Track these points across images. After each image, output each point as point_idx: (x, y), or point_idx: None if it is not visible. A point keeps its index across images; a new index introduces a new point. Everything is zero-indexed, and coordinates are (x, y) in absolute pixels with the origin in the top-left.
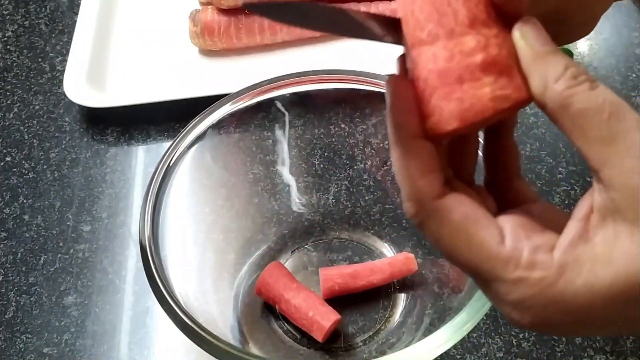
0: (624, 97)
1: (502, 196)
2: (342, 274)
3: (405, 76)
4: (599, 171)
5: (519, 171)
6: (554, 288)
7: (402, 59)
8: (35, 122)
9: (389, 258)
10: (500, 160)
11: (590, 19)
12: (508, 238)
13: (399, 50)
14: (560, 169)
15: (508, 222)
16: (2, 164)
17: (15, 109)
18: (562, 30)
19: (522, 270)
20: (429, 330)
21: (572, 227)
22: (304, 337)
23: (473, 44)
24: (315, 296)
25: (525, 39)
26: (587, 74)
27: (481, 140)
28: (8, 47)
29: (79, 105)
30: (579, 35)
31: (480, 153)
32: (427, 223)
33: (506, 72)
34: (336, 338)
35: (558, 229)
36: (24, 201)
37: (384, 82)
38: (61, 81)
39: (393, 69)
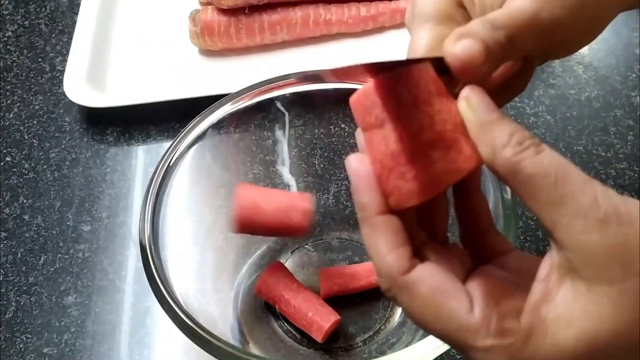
0: (624, 97)
1: (477, 250)
2: (342, 274)
3: (364, 156)
4: (552, 232)
5: (491, 224)
6: (524, 353)
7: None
8: (35, 122)
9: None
10: (471, 216)
11: (588, 33)
12: (477, 307)
13: (398, 50)
14: None
15: (477, 289)
16: (2, 164)
17: (15, 109)
18: (559, 50)
19: (492, 339)
20: None
21: (536, 289)
22: (304, 337)
23: (418, 123)
24: (315, 297)
25: (471, 108)
26: (532, 139)
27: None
28: (8, 47)
29: (79, 105)
30: (580, 46)
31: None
32: (399, 297)
33: (454, 145)
34: (336, 338)
35: (529, 278)
36: (24, 201)
37: None
38: (61, 81)
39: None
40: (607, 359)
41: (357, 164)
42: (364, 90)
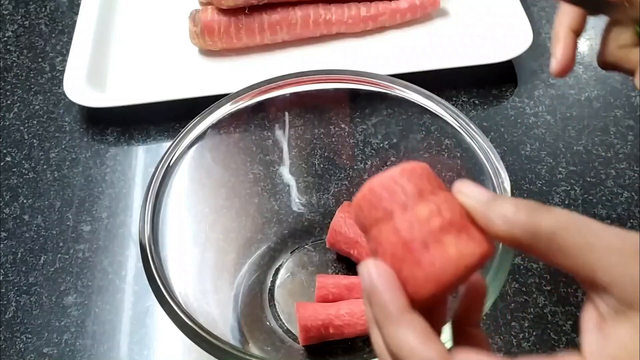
0: (624, 97)
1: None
2: (339, 284)
3: (377, 260)
4: (593, 279)
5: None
6: None
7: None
8: (35, 122)
9: None
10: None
11: None
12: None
13: (396, 52)
14: (560, 169)
15: None
16: (2, 164)
17: (15, 109)
18: None
19: None
20: None
21: (589, 338)
22: None
23: (427, 212)
24: None
25: (467, 196)
26: (535, 203)
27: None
28: (8, 47)
29: (79, 105)
30: None
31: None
32: None
33: (464, 230)
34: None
35: None
36: (24, 201)
37: (384, 82)
38: (61, 81)
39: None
40: None
41: (373, 267)
42: (369, 186)
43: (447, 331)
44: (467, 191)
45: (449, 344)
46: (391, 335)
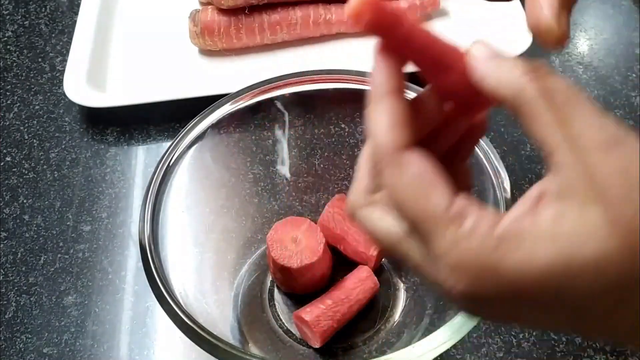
0: (624, 97)
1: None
2: (326, 315)
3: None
4: (552, 154)
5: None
6: (491, 256)
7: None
8: (35, 122)
9: (353, 281)
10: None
11: None
12: (457, 204)
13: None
14: None
15: (462, 199)
16: (2, 164)
17: (15, 109)
18: None
19: (463, 233)
20: (428, 330)
21: (519, 206)
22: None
23: None
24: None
25: (477, 50)
26: (536, 65)
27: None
28: (8, 47)
29: (79, 105)
30: None
31: None
32: (386, 170)
33: None
34: (336, 338)
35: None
36: (24, 201)
37: None
38: (61, 81)
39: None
40: (580, 287)
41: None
42: None
43: (447, 331)
44: (479, 48)
45: (448, 344)
46: (371, 110)
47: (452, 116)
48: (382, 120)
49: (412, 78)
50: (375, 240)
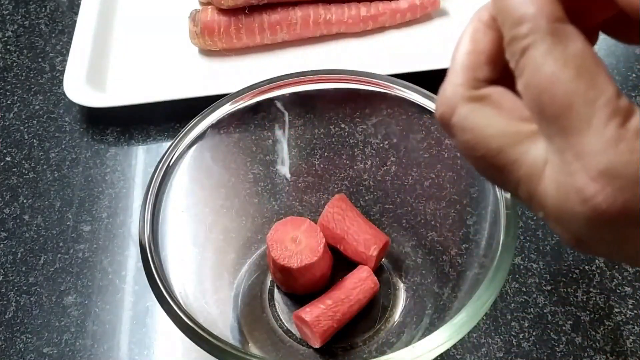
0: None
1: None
2: (326, 315)
3: None
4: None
5: None
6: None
7: None
8: (35, 122)
9: (353, 281)
10: None
11: None
12: (624, 98)
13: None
14: None
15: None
16: (2, 164)
17: (15, 109)
18: None
19: (628, 132)
20: (429, 330)
21: None
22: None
23: None
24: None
25: None
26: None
27: None
28: (8, 47)
29: (79, 105)
30: None
31: None
32: (538, 46)
33: None
34: (336, 338)
35: None
36: (24, 201)
37: (384, 82)
38: (61, 81)
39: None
40: None
41: None
42: None
43: (447, 331)
44: None
45: (448, 344)
46: (539, 64)
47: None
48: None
49: (411, 78)
50: (477, 143)
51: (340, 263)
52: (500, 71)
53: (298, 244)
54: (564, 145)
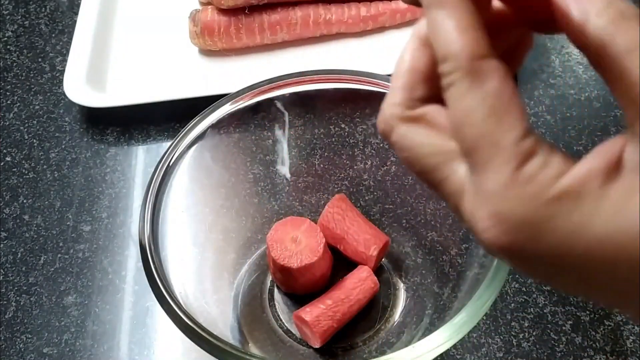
0: None
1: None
2: (326, 315)
3: None
4: (634, 124)
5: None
6: (541, 212)
7: None
8: (35, 122)
9: (353, 281)
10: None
11: None
12: (528, 140)
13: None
14: None
15: (534, 134)
16: (2, 164)
17: (15, 109)
18: None
19: (522, 176)
20: (429, 330)
21: (591, 160)
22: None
23: None
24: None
25: None
26: (636, 11)
27: None
28: (8, 47)
29: (79, 105)
30: None
31: None
32: (459, 83)
33: None
34: (336, 338)
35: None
36: (24, 201)
37: (384, 82)
38: (61, 81)
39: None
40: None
41: None
42: None
43: (447, 331)
44: None
45: (448, 344)
46: (433, 16)
47: (505, 23)
48: (451, 24)
49: None
50: (412, 160)
51: (340, 263)
52: (439, 86)
53: (298, 244)
54: (473, 177)
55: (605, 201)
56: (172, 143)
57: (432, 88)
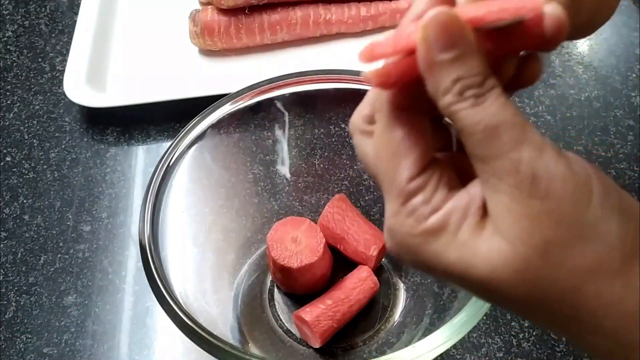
0: (624, 97)
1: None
2: (327, 315)
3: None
4: (482, 184)
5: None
6: (413, 239)
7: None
8: (35, 122)
9: (353, 281)
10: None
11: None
12: (416, 181)
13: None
14: None
15: (430, 171)
16: (2, 164)
17: (15, 109)
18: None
19: (404, 209)
20: (429, 330)
21: (462, 197)
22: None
23: None
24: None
25: (425, 41)
26: (478, 88)
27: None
28: (8, 47)
29: (79, 105)
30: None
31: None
32: (378, 122)
33: None
34: (336, 338)
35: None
36: (24, 201)
37: None
38: (61, 81)
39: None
40: (473, 289)
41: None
42: None
43: (447, 331)
44: (429, 33)
45: (448, 344)
46: (376, 137)
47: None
48: (386, 149)
49: None
50: (362, 163)
51: (340, 263)
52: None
53: (298, 244)
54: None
55: (457, 237)
56: (172, 143)
57: None
